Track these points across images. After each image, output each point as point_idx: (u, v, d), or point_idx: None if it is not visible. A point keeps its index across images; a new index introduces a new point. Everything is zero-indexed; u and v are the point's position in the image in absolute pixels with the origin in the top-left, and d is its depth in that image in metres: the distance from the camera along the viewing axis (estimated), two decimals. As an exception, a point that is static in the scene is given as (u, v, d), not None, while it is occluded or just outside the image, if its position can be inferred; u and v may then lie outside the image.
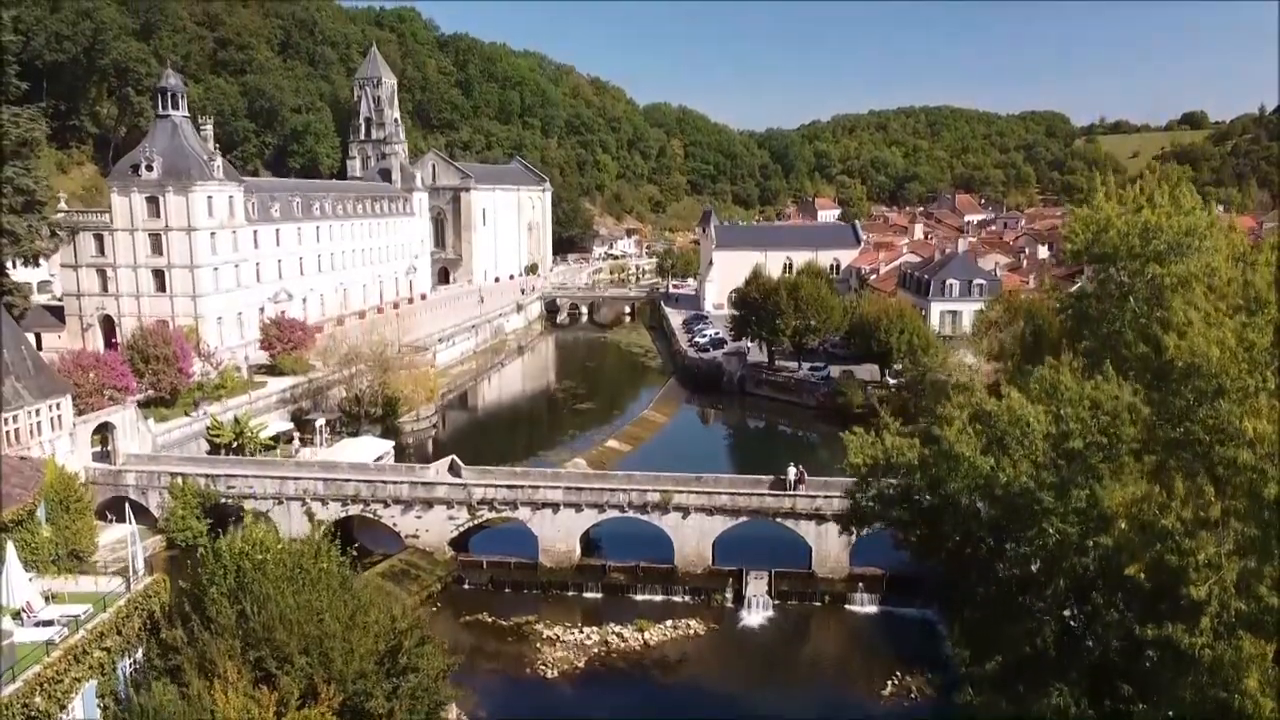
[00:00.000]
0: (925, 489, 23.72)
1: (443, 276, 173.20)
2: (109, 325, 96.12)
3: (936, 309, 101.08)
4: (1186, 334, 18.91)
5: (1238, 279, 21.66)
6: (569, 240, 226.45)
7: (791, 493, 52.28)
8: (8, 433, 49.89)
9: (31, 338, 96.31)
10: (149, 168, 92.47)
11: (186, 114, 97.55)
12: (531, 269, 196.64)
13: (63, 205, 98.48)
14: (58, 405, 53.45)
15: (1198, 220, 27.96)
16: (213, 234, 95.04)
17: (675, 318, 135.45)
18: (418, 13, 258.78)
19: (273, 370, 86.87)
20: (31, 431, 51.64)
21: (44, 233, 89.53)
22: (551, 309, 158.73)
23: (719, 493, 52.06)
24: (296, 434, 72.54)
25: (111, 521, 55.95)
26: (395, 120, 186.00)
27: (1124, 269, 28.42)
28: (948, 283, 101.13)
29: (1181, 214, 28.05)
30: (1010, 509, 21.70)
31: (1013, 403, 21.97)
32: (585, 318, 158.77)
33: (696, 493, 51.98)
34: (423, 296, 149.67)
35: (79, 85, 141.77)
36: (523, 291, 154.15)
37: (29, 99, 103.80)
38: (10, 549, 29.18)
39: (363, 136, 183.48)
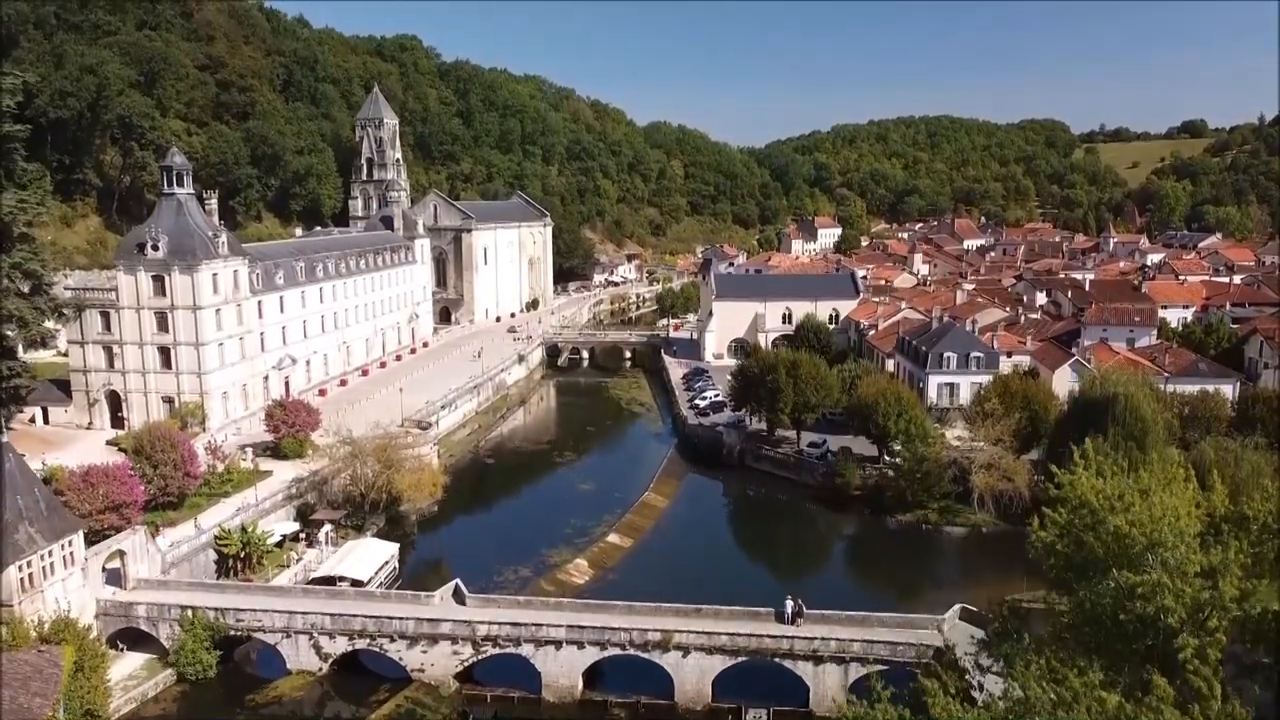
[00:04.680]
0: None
1: (444, 316, 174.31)
2: (115, 401, 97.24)
3: (934, 381, 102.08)
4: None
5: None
6: (570, 270, 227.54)
7: (790, 631, 53.51)
8: (21, 579, 50.89)
9: (38, 412, 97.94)
10: (155, 247, 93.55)
11: (191, 191, 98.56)
12: (532, 304, 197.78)
13: (70, 283, 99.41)
14: (69, 543, 54.38)
15: (1167, 531, 28.87)
16: (218, 310, 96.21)
17: (675, 370, 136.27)
18: (419, 40, 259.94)
19: (276, 450, 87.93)
20: (45, 573, 52.60)
21: (50, 313, 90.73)
22: (553, 353, 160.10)
23: (718, 633, 53.18)
24: (302, 535, 73.53)
25: (123, 651, 57.10)
26: (397, 160, 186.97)
27: (1101, 556, 29.46)
28: (945, 355, 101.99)
29: (1153, 520, 29.07)
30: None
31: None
32: (586, 362, 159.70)
33: (696, 632, 53.10)
34: (424, 344, 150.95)
35: (83, 139, 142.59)
36: (513, 330, 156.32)
37: (34, 154, 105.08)
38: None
39: (365, 177, 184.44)
